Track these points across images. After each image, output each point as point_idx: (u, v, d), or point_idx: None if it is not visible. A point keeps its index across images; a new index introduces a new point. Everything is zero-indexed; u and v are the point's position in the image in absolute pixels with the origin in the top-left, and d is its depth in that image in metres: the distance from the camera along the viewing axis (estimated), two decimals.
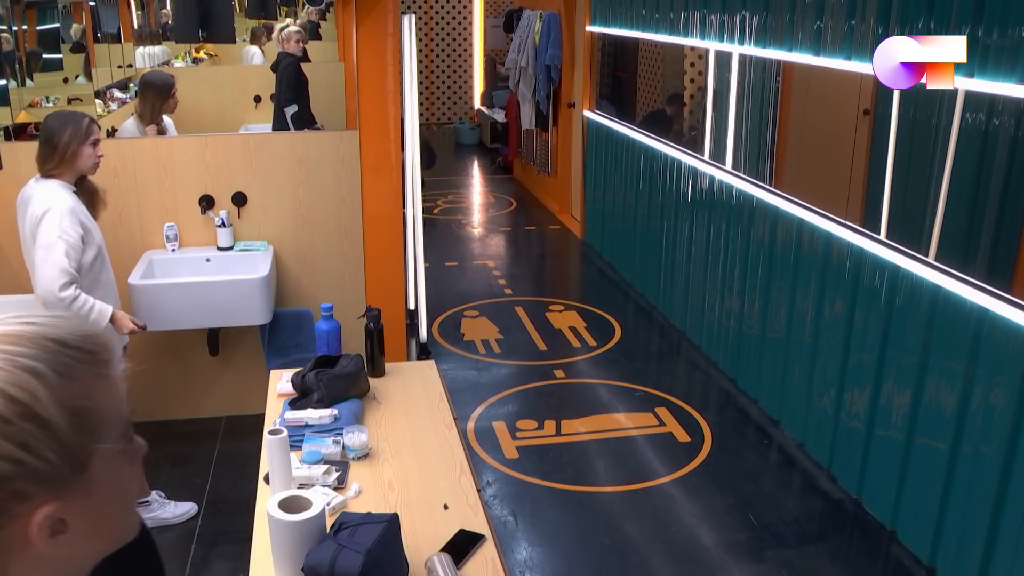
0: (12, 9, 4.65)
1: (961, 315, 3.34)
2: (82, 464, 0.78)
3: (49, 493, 0.77)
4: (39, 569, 0.80)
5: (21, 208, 3.49)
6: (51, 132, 3.44)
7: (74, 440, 0.77)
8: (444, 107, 14.84)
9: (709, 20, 5.39)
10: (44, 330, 0.79)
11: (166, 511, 3.93)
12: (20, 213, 3.50)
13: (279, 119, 6.22)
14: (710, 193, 5.55)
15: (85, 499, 0.79)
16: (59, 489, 0.77)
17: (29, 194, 3.46)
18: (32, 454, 0.75)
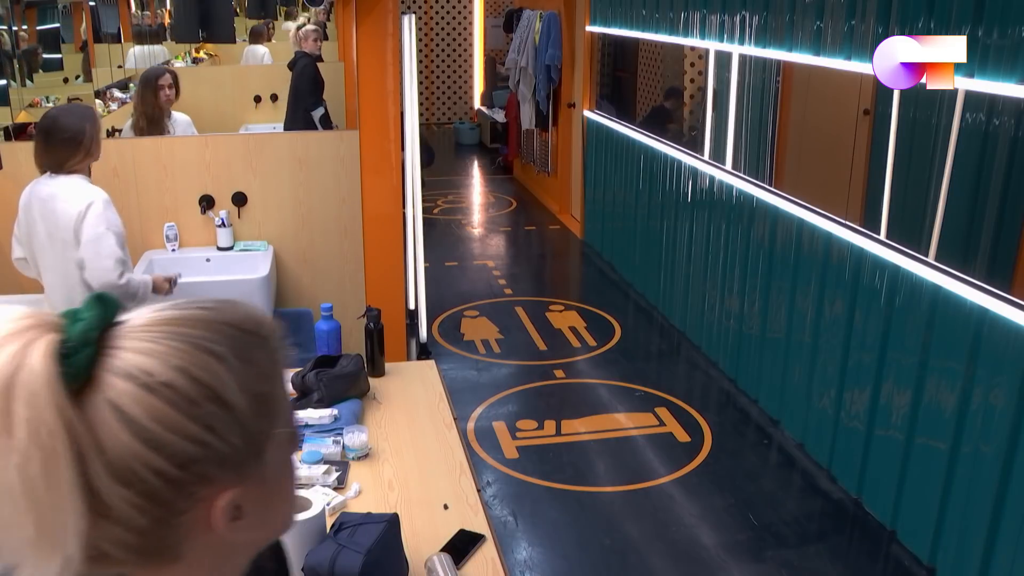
0: (12, 9, 4.65)
1: (961, 315, 3.34)
2: (260, 449, 0.79)
3: (233, 478, 0.77)
4: (211, 555, 0.81)
5: (38, 207, 3.42)
6: (74, 128, 3.43)
7: (255, 424, 0.78)
8: (444, 107, 14.84)
9: (709, 20, 5.39)
10: (220, 315, 0.80)
11: None
12: (36, 212, 3.44)
13: (295, 119, 6.18)
14: (710, 193, 5.55)
15: (260, 485, 0.80)
16: (241, 474, 0.78)
17: (50, 192, 3.41)
18: (218, 437, 0.75)
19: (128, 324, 0.76)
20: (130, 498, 0.73)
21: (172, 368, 0.73)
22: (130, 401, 0.72)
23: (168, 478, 0.73)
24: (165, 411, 0.72)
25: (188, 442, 0.73)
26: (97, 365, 0.72)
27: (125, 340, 0.74)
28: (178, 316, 0.78)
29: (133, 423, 0.72)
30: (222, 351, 0.76)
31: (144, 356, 0.73)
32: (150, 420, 0.72)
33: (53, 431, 0.69)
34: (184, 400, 0.73)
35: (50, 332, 0.72)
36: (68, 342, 0.72)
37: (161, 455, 0.72)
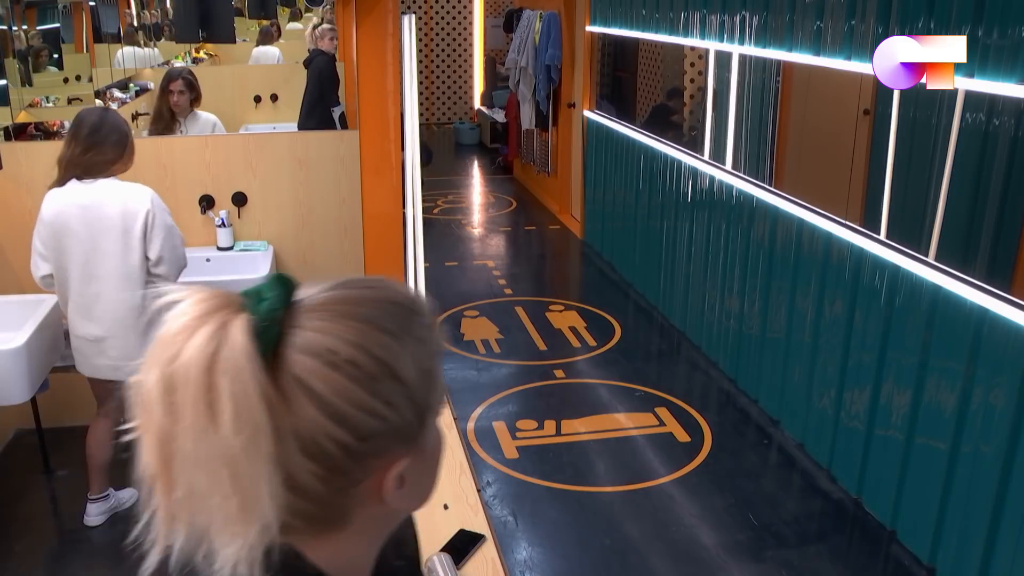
0: (12, 9, 4.65)
1: (961, 315, 3.34)
2: (424, 422, 0.84)
3: (403, 449, 0.82)
4: (373, 523, 0.86)
5: (79, 215, 3.39)
6: (123, 129, 3.50)
7: (423, 398, 0.82)
8: (444, 107, 14.84)
9: (709, 20, 5.39)
10: (385, 294, 0.84)
11: (121, 498, 3.93)
12: (77, 222, 3.40)
13: (310, 116, 6.17)
14: (710, 193, 5.55)
15: (421, 456, 0.85)
16: (410, 445, 0.83)
17: (94, 199, 3.40)
18: (394, 410, 0.80)
19: (304, 303, 0.80)
20: (315, 470, 0.77)
21: (353, 346, 0.78)
22: (316, 378, 0.76)
23: (350, 450, 0.78)
24: (349, 387, 0.77)
25: (369, 416, 0.78)
26: (282, 343, 0.76)
27: (305, 319, 0.78)
28: (350, 296, 0.82)
29: (320, 398, 0.76)
30: (395, 329, 0.81)
31: (326, 335, 0.77)
32: (335, 395, 0.76)
33: (256, 406, 0.72)
34: (366, 376, 0.78)
35: (240, 311, 0.75)
36: (257, 320, 0.75)
37: (345, 428, 0.77)
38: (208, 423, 0.72)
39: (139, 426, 0.76)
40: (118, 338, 3.51)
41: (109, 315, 3.48)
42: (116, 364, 3.54)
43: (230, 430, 0.71)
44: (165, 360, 0.74)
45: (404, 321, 0.82)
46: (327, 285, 0.83)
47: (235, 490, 0.73)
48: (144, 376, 0.75)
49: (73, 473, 4.21)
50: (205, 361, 0.72)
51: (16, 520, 3.97)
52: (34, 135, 4.69)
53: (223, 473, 0.72)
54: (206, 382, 0.72)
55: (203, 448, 0.72)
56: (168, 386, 0.73)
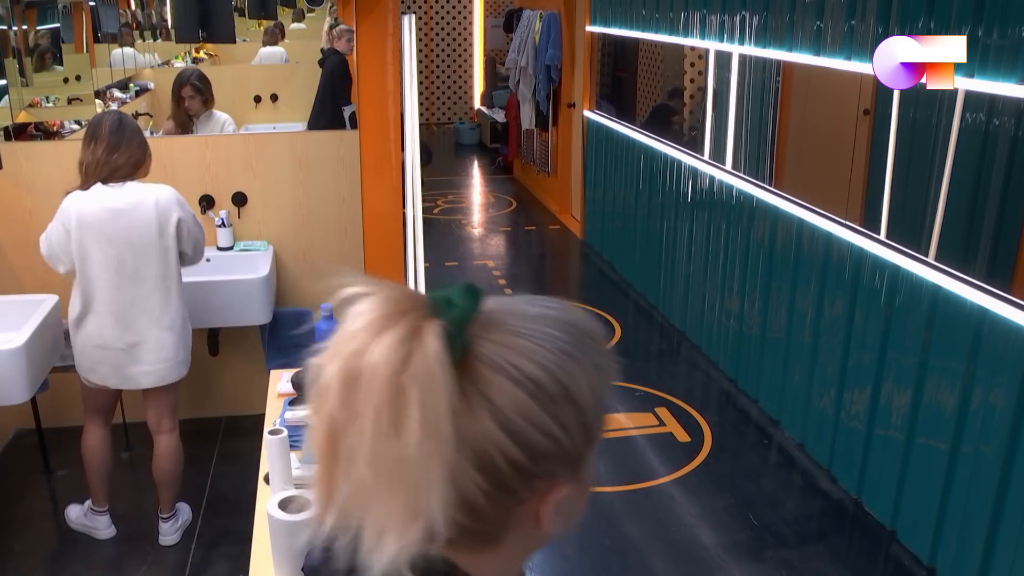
0: (12, 9, 4.65)
1: (961, 315, 3.34)
2: (590, 450, 0.83)
3: (568, 474, 0.81)
4: (522, 545, 0.85)
5: (111, 220, 3.36)
6: (142, 133, 3.51)
7: (593, 426, 0.83)
8: (444, 107, 14.84)
9: (709, 20, 5.39)
10: (567, 315, 0.83)
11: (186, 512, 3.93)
12: (110, 229, 3.37)
13: (321, 113, 6.17)
14: (710, 193, 5.55)
15: (579, 483, 0.84)
16: (574, 471, 0.82)
17: (129, 202, 3.38)
18: (568, 434, 0.79)
19: (489, 315, 0.79)
20: (482, 484, 0.76)
21: (537, 364, 0.77)
22: (498, 391, 0.75)
23: (520, 469, 0.77)
24: (529, 405, 0.76)
25: (543, 436, 0.77)
26: (468, 353, 0.75)
27: (490, 331, 0.77)
28: (536, 314, 0.81)
29: (499, 413, 0.75)
30: (576, 352, 0.80)
31: (511, 350, 0.77)
32: (515, 411, 0.75)
33: (443, 415, 0.71)
34: (546, 396, 0.76)
35: (431, 316, 0.73)
36: (448, 327, 0.73)
37: (519, 446, 0.76)
38: (390, 428, 0.70)
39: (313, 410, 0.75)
40: (152, 341, 3.49)
41: (145, 319, 3.46)
42: (151, 369, 3.53)
43: (414, 437, 0.70)
44: (349, 354, 0.72)
45: (584, 346, 0.81)
46: (510, 300, 0.82)
47: (404, 493, 0.72)
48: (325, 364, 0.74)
49: (72, 473, 4.21)
50: (395, 365, 0.70)
51: (16, 520, 3.97)
52: (34, 135, 4.69)
53: (396, 475, 0.71)
54: (394, 386, 0.70)
55: (380, 450, 0.71)
56: (350, 381, 0.72)
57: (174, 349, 3.55)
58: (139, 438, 4.32)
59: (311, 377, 0.75)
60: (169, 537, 3.77)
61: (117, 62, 5.85)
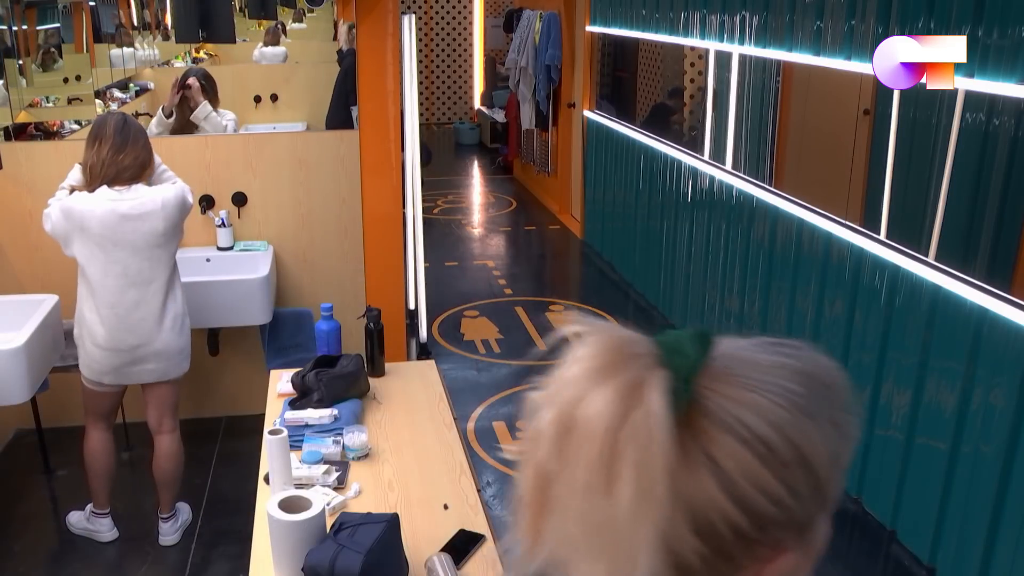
0: (12, 9, 4.65)
1: (961, 315, 3.34)
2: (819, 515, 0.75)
3: (794, 542, 0.73)
4: None
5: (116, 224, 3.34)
6: (146, 134, 3.50)
7: (827, 490, 0.74)
8: (444, 107, 14.84)
9: (709, 20, 5.39)
10: (807, 365, 0.75)
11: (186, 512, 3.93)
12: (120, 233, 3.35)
13: (338, 111, 6.17)
14: (710, 193, 5.55)
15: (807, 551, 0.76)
16: (801, 540, 0.74)
17: (139, 203, 3.36)
18: (798, 501, 0.71)
19: (719, 363, 0.72)
20: (700, 549, 0.70)
21: (770, 425, 0.69)
22: (725, 453, 0.69)
23: (742, 536, 0.70)
24: (757, 468, 0.69)
25: (771, 503, 0.70)
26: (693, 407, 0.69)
27: (720, 383, 0.71)
28: (771, 363, 0.74)
29: (724, 476, 0.68)
30: (815, 411, 0.72)
31: (742, 406, 0.70)
32: (741, 475, 0.69)
33: (659, 478, 0.66)
34: (776, 460, 0.69)
35: (656, 366, 0.68)
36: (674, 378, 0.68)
37: (743, 512, 0.69)
38: (601, 486, 0.66)
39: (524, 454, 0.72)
40: (155, 343, 3.49)
41: (148, 321, 3.46)
42: (152, 367, 3.54)
43: (626, 498, 0.65)
44: (566, 402, 0.68)
45: (824, 402, 0.73)
46: (744, 345, 0.75)
47: (609, 554, 0.67)
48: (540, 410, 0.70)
49: (72, 473, 4.21)
50: (613, 420, 0.66)
51: (15, 520, 3.97)
52: (34, 135, 4.69)
53: (604, 535, 0.67)
54: (610, 443, 0.66)
55: (588, 507, 0.67)
56: (564, 430, 0.68)
57: (177, 349, 3.55)
58: (139, 438, 4.32)
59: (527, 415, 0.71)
60: (169, 537, 3.77)
61: (117, 62, 5.85)
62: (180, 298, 3.56)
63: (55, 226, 3.40)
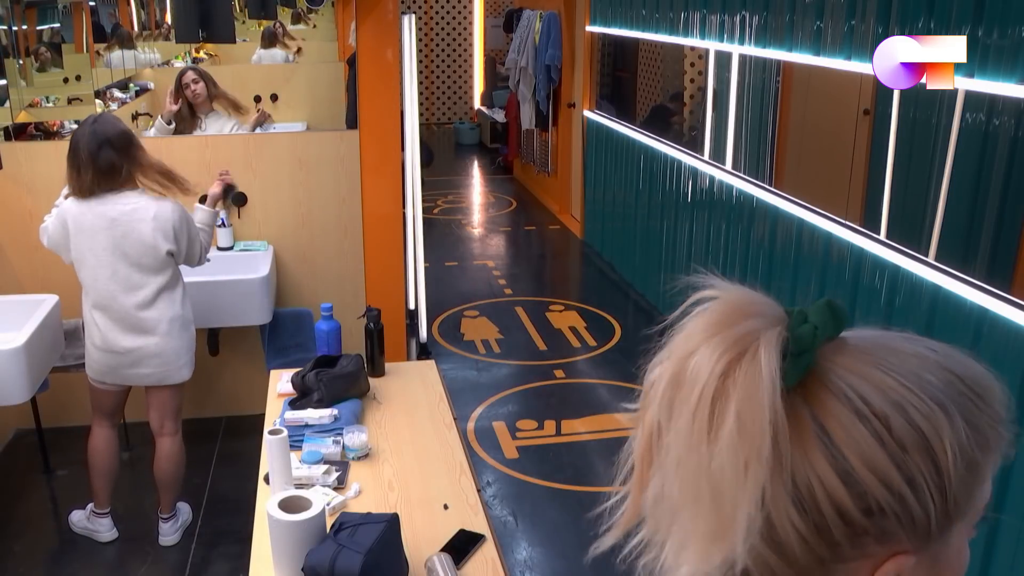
0: (12, 9, 4.65)
1: (961, 315, 3.34)
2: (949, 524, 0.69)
3: (910, 543, 0.68)
4: None
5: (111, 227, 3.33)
6: (134, 145, 3.44)
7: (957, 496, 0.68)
8: (444, 107, 14.84)
9: (709, 20, 5.39)
10: (950, 363, 0.71)
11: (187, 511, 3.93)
12: (110, 231, 3.34)
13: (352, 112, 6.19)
14: (710, 193, 5.55)
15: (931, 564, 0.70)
16: (920, 544, 0.69)
17: (128, 211, 3.34)
18: (916, 494, 0.66)
19: (851, 341, 0.71)
20: (800, 526, 0.67)
21: (890, 403, 0.66)
22: (837, 423, 0.66)
23: (847, 519, 0.67)
24: (871, 446, 0.66)
25: (884, 489, 0.66)
26: (811, 375, 0.68)
27: (845, 357, 0.69)
28: (911, 352, 0.71)
29: (833, 448, 0.66)
30: (949, 406, 0.68)
31: (863, 380, 0.67)
32: (852, 450, 0.66)
33: (760, 431, 0.64)
34: (894, 441, 0.66)
35: (777, 326, 0.67)
36: (793, 341, 0.67)
37: (851, 493, 0.66)
38: (704, 432, 0.65)
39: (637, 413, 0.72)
40: (152, 347, 3.48)
41: (144, 325, 3.45)
42: (150, 372, 3.53)
43: (725, 446, 0.64)
44: (681, 354, 0.68)
45: (962, 399, 0.69)
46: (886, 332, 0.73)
47: (709, 511, 0.66)
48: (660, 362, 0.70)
49: (73, 473, 4.21)
50: (722, 366, 0.65)
51: (15, 520, 3.97)
52: (34, 135, 4.69)
53: (703, 489, 0.66)
54: (716, 387, 0.65)
55: (691, 456, 0.66)
56: (675, 381, 0.68)
57: (175, 353, 3.53)
58: (139, 438, 4.32)
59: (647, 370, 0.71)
60: (169, 537, 3.77)
61: (117, 62, 5.86)
62: (180, 302, 3.54)
63: (52, 235, 3.41)
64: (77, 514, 3.85)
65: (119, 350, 3.46)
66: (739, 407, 0.64)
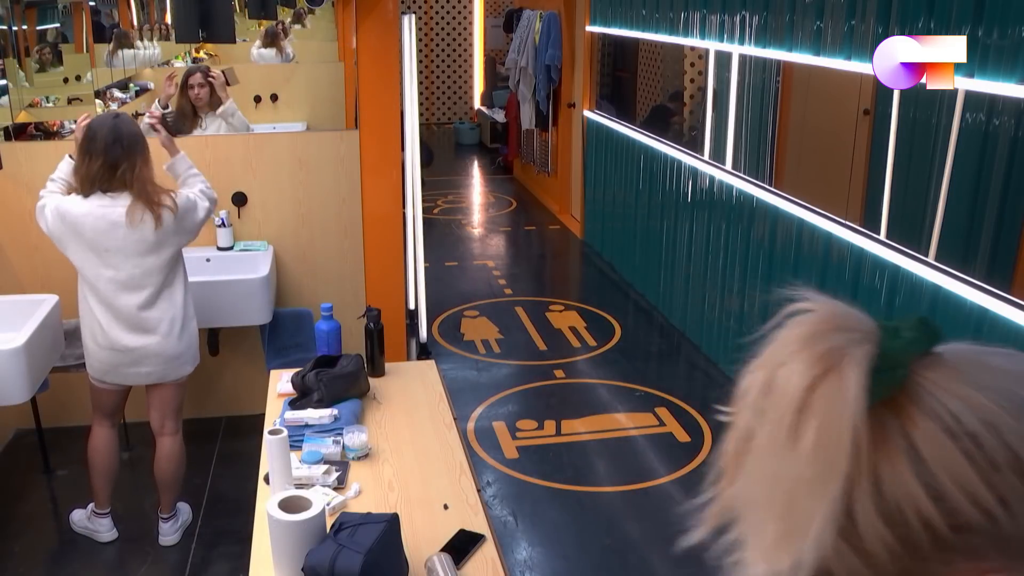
0: (12, 9, 4.65)
1: (961, 315, 3.34)
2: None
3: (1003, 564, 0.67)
4: None
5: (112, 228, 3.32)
6: (138, 138, 3.42)
7: None
8: (444, 107, 14.84)
9: (709, 20, 5.39)
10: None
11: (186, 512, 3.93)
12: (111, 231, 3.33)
13: None
14: (710, 193, 5.55)
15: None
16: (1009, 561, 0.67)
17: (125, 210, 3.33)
18: (1008, 513, 0.65)
19: (944, 357, 0.70)
20: (885, 538, 0.67)
21: (983, 421, 0.65)
22: (925, 439, 0.66)
23: (936, 535, 0.66)
24: (961, 464, 0.65)
25: (973, 506, 0.65)
26: (901, 389, 0.68)
27: (937, 373, 0.68)
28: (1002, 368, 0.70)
29: (921, 464, 0.66)
30: None
31: (956, 399, 0.66)
32: (941, 467, 0.65)
33: (838, 446, 0.65)
34: (985, 460, 0.65)
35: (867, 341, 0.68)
36: (882, 357, 0.67)
37: (939, 509, 0.65)
38: (786, 441, 0.66)
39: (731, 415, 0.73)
40: (153, 345, 3.48)
41: (143, 325, 3.45)
42: (151, 370, 3.53)
43: (804, 456, 0.65)
44: (773, 364, 0.69)
45: None
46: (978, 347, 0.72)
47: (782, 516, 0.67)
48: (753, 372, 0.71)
49: (73, 473, 4.21)
50: (808, 380, 0.66)
51: (16, 520, 3.97)
52: (34, 135, 4.69)
53: (778, 495, 0.67)
54: (801, 399, 0.66)
55: (772, 461, 0.67)
56: (766, 388, 0.69)
57: (174, 351, 3.54)
58: (139, 438, 4.32)
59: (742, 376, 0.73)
60: (169, 537, 3.77)
61: (117, 62, 5.86)
62: (181, 301, 3.54)
63: (51, 227, 3.39)
64: (78, 513, 3.85)
65: (121, 348, 3.46)
66: (821, 422, 0.65)
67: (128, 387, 3.66)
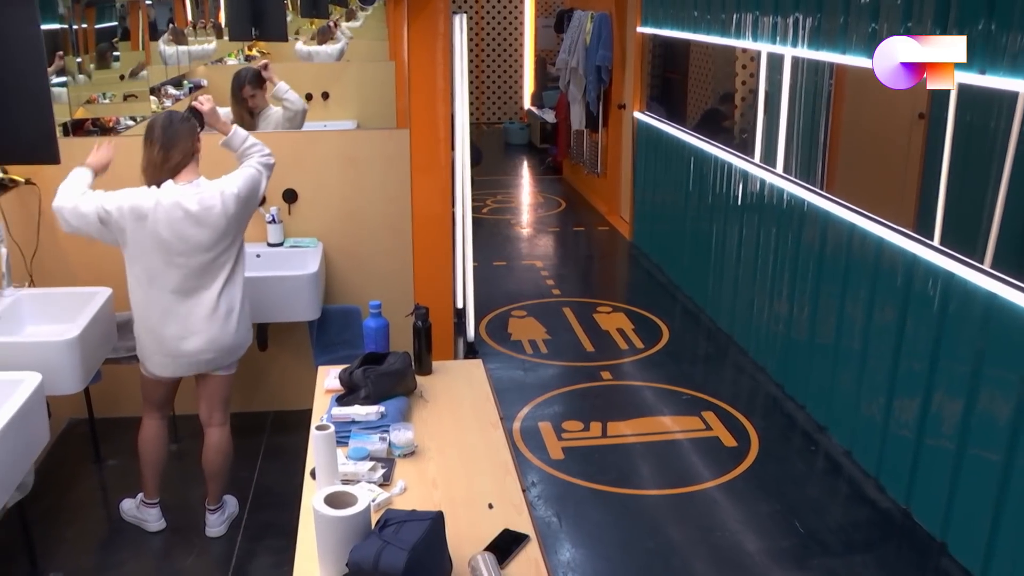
0: (73, 8, 4.73)
1: (1017, 323, 3.28)
2: None
3: None
4: None
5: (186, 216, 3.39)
6: (192, 123, 3.56)
7: None
8: (494, 107, 14.86)
9: (761, 22, 5.34)
10: None
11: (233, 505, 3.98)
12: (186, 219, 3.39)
13: None
14: (760, 196, 5.50)
15: None
16: None
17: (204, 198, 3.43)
18: None
19: None
20: None
21: None
22: None
23: None
24: None
25: None
26: None
27: None
28: None
29: None
30: None
31: None
32: None
33: None
34: None
35: None
36: None
37: None
38: None
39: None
40: (205, 336, 3.54)
41: (199, 315, 3.51)
42: (206, 359, 3.59)
43: None
44: None
45: None
46: None
47: None
48: None
49: (123, 463, 4.28)
50: None
51: (67, 508, 4.04)
52: (91, 131, 4.77)
53: None
54: None
55: None
56: None
57: (229, 342, 3.58)
58: (188, 430, 4.38)
59: None
60: (216, 529, 3.82)
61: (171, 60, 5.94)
62: (238, 293, 3.59)
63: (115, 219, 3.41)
64: (128, 503, 3.92)
65: (173, 336, 3.51)
66: None
67: (178, 380, 3.70)
